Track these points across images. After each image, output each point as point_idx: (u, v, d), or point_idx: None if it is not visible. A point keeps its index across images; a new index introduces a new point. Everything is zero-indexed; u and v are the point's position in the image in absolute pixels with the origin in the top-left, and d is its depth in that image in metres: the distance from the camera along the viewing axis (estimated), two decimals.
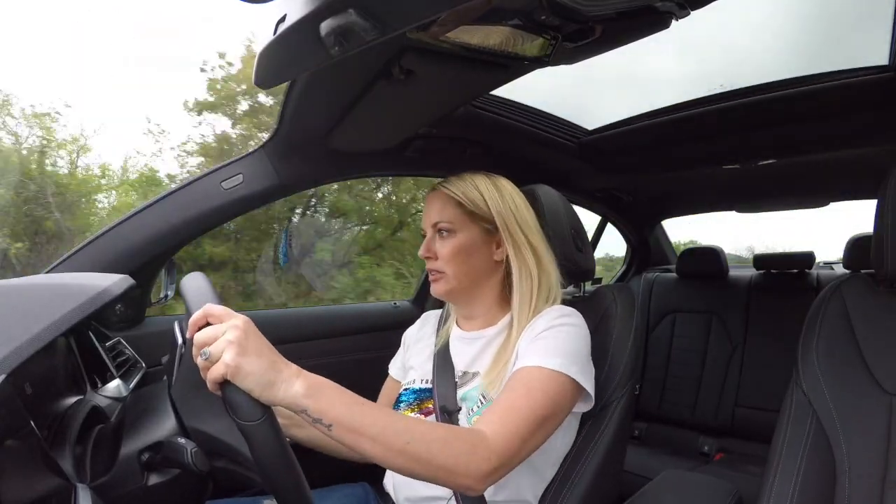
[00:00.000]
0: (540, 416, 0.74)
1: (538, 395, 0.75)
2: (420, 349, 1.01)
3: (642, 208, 2.30)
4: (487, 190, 0.90)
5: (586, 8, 0.62)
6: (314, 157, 1.19)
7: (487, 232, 0.91)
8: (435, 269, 0.91)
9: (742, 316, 2.11)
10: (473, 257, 0.90)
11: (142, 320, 1.21)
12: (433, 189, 0.94)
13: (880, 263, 0.79)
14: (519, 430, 0.71)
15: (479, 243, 0.90)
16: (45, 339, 0.56)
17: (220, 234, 5.28)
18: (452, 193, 0.90)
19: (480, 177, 0.92)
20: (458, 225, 0.90)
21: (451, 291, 0.91)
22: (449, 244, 0.90)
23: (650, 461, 1.92)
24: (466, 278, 0.91)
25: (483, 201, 0.89)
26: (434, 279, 0.92)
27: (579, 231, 1.03)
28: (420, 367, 0.97)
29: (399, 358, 1.07)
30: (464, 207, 0.89)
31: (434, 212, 0.91)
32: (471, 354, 0.91)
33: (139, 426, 0.70)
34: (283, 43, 0.64)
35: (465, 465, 0.66)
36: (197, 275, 0.68)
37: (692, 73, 1.25)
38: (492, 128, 1.29)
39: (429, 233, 0.92)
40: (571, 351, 0.80)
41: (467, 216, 0.90)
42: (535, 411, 0.74)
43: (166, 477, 0.68)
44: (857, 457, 0.73)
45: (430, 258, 0.91)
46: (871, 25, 0.99)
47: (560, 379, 0.77)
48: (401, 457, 0.64)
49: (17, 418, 0.52)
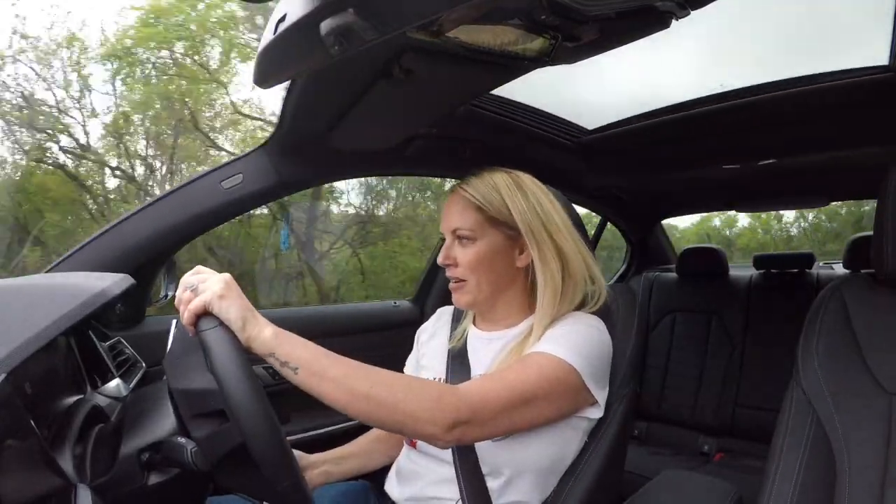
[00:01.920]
0: (526, 392, 0.72)
1: (531, 372, 0.73)
2: (433, 347, 0.98)
3: (642, 208, 2.30)
4: (509, 192, 0.85)
5: (586, 8, 0.62)
6: (314, 157, 1.19)
7: (510, 237, 0.86)
8: (456, 276, 0.87)
9: (742, 316, 2.11)
10: (496, 265, 0.86)
11: (142, 320, 1.21)
12: (453, 191, 0.89)
13: (880, 263, 0.79)
14: (499, 395, 0.70)
15: (501, 250, 0.86)
16: (45, 338, 0.56)
17: None
18: (472, 197, 0.85)
19: (501, 176, 0.86)
20: (479, 232, 0.85)
21: (474, 302, 0.88)
22: (470, 252, 0.85)
23: (650, 461, 1.92)
24: (489, 287, 0.87)
25: (505, 205, 0.84)
26: (455, 288, 0.88)
27: (581, 232, 1.03)
28: (433, 366, 0.94)
29: (413, 356, 1.04)
30: (485, 213, 0.84)
31: (454, 217, 0.86)
32: (490, 356, 0.88)
33: (139, 426, 0.70)
34: (283, 42, 0.64)
35: (429, 412, 0.66)
36: None
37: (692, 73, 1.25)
38: (492, 127, 1.29)
39: (448, 238, 0.88)
40: (584, 349, 0.78)
41: (489, 222, 0.85)
42: (523, 384, 0.72)
43: (166, 476, 0.68)
44: (857, 456, 0.73)
45: (451, 265, 0.87)
46: (871, 25, 0.99)
47: (563, 367, 0.75)
48: (364, 401, 0.65)
49: (17, 418, 0.52)
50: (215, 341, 0.61)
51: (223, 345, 0.61)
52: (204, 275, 0.67)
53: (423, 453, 0.87)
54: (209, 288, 0.64)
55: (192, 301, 0.63)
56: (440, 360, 0.93)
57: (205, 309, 0.63)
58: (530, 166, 0.91)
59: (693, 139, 1.44)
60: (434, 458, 0.85)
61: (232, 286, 0.65)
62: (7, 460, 0.49)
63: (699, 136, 1.41)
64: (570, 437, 0.83)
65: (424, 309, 1.74)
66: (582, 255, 0.87)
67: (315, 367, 0.64)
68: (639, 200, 2.16)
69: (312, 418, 1.34)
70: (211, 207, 1.11)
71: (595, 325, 0.84)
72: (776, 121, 1.27)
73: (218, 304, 0.63)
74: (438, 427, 0.66)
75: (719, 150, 1.52)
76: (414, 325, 1.10)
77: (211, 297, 0.63)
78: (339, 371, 0.65)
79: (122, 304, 1.15)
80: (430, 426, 0.66)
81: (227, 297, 0.63)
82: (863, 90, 1.09)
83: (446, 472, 0.81)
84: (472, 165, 0.92)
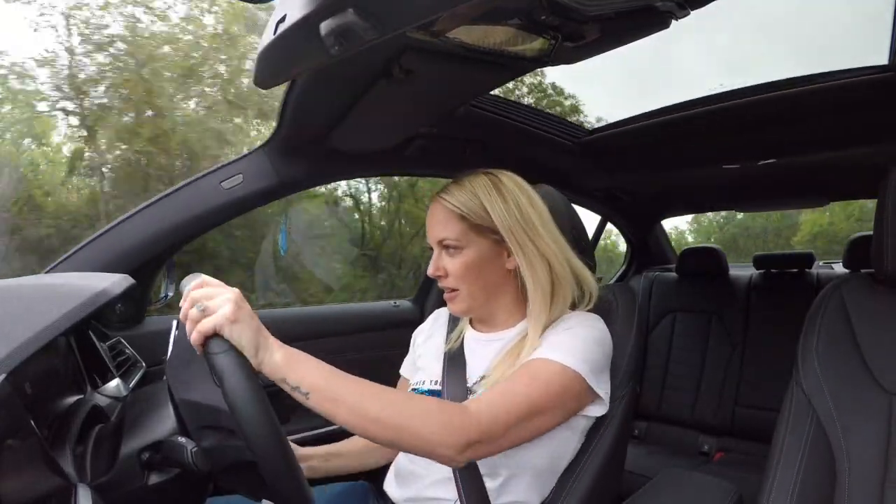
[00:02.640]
0: (535, 405, 0.72)
1: (539, 385, 0.74)
2: (430, 349, 0.98)
3: (642, 208, 2.30)
4: (489, 198, 0.84)
5: (586, 8, 0.62)
6: (314, 157, 1.19)
7: (496, 242, 0.85)
8: (448, 286, 0.87)
9: (742, 315, 2.11)
10: (485, 271, 0.86)
11: (142, 320, 1.21)
12: (433, 201, 0.88)
13: (880, 263, 0.79)
14: (508, 411, 0.70)
15: (489, 256, 0.85)
16: (45, 338, 0.56)
17: None
18: (453, 206, 0.84)
19: (481, 181, 0.85)
20: (464, 241, 0.84)
21: (469, 309, 0.89)
22: (458, 261, 0.85)
23: (650, 460, 1.92)
24: (482, 293, 0.87)
25: (486, 211, 0.83)
26: (449, 298, 0.88)
27: (580, 231, 1.03)
28: (429, 367, 0.94)
29: (409, 358, 1.05)
30: (468, 221, 0.84)
31: (438, 228, 0.86)
32: (488, 358, 0.88)
33: (139, 425, 0.70)
34: (283, 43, 0.64)
35: (440, 436, 0.66)
36: (197, 275, 0.68)
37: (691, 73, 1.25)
38: (492, 127, 1.29)
39: (435, 249, 0.87)
40: (588, 352, 0.78)
41: (473, 230, 0.84)
42: (530, 398, 0.72)
43: (167, 476, 0.68)
44: (857, 456, 0.73)
45: (441, 276, 0.87)
46: (870, 25, 0.99)
47: (568, 374, 0.75)
48: (377, 424, 0.65)
49: (18, 418, 0.52)
50: (228, 368, 0.59)
51: (236, 372, 0.59)
52: (211, 290, 0.63)
53: None
54: (219, 309, 0.60)
55: (202, 322, 0.60)
56: (436, 362, 0.93)
57: (214, 331, 0.60)
58: (530, 166, 0.91)
59: (693, 139, 1.44)
60: (433, 461, 0.85)
61: (243, 307, 0.62)
62: (7, 460, 0.49)
63: (699, 136, 1.41)
64: (568, 438, 0.83)
65: (424, 309, 1.73)
66: (566, 257, 0.86)
67: (326, 392, 0.64)
68: (639, 200, 2.16)
69: (312, 419, 1.34)
70: (211, 207, 1.11)
71: (593, 323, 0.84)
72: (776, 121, 1.27)
73: (230, 329, 0.60)
74: (451, 449, 0.67)
75: (719, 150, 1.52)
76: (414, 325, 1.10)
77: (222, 321, 0.60)
78: (350, 395, 0.65)
79: (121, 304, 1.15)
80: (443, 449, 0.67)
81: (238, 320, 0.61)
82: (863, 90, 1.09)
83: (445, 473, 0.81)
84: (472, 165, 0.92)
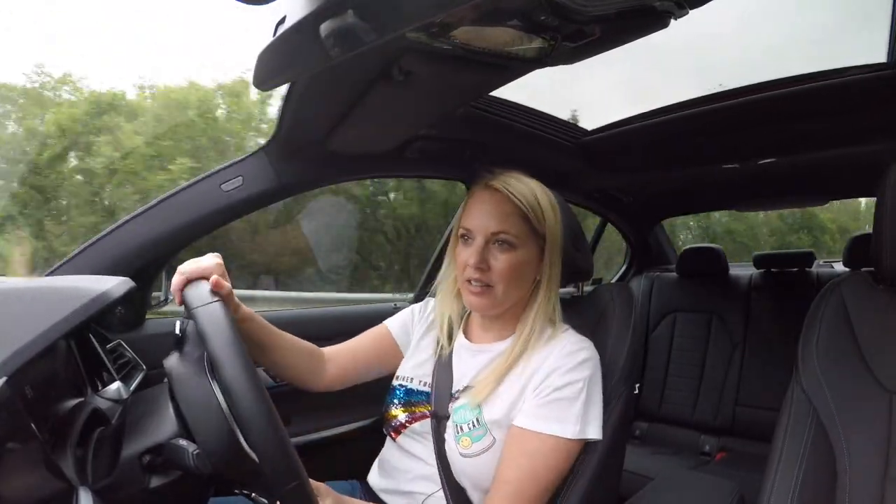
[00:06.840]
0: (545, 486, 0.76)
1: (549, 473, 0.77)
2: (423, 348, 0.97)
3: (642, 208, 2.30)
4: (547, 206, 0.81)
5: (586, 8, 0.62)
6: (314, 159, 1.19)
7: (541, 249, 0.82)
8: (483, 281, 0.80)
9: (742, 315, 2.11)
10: (525, 276, 0.82)
11: (142, 323, 1.21)
12: (493, 188, 0.81)
13: (879, 261, 0.79)
14: None
15: (533, 262, 0.82)
16: (46, 341, 0.56)
17: None
18: (519, 201, 0.79)
19: (538, 186, 0.82)
20: (521, 240, 0.80)
21: (492, 308, 0.83)
22: (507, 259, 0.79)
23: (651, 461, 1.91)
24: (511, 297, 0.83)
25: (543, 219, 0.80)
26: (477, 292, 0.81)
27: (577, 232, 1.03)
28: (420, 366, 0.94)
29: (403, 323, 1.01)
30: (530, 222, 0.80)
31: (498, 219, 0.79)
32: (474, 368, 0.87)
33: (140, 428, 0.69)
34: (283, 44, 0.64)
35: None
36: (198, 282, 0.68)
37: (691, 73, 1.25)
38: (491, 128, 1.29)
39: (480, 239, 0.80)
40: (590, 408, 0.79)
41: (531, 232, 0.81)
42: (539, 484, 0.76)
43: (168, 479, 0.67)
44: (857, 455, 0.73)
45: (483, 270, 0.80)
46: (869, 23, 0.99)
47: (568, 445, 0.77)
48: None
49: (18, 421, 0.52)
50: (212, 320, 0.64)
51: (220, 323, 0.63)
52: None
53: (406, 452, 0.88)
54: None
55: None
56: (429, 365, 0.93)
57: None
58: (530, 167, 0.91)
59: (693, 139, 1.44)
60: (416, 459, 0.86)
61: None
62: (8, 464, 0.49)
63: (699, 135, 1.41)
64: None
65: None
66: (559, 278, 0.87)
67: None
68: (639, 200, 2.16)
69: (312, 420, 1.34)
70: (211, 210, 1.11)
71: (588, 362, 0.81)
72: (775, 120, 1.27)
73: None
74: None
75: (719, 150, 1.52)
76: None
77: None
78: None
79: (122, 307, 1.15)
80: None
81: None
82: (862, 88, 1.09)
83: (427, 471, 0.83)
84: (472, 166, 0.91)
